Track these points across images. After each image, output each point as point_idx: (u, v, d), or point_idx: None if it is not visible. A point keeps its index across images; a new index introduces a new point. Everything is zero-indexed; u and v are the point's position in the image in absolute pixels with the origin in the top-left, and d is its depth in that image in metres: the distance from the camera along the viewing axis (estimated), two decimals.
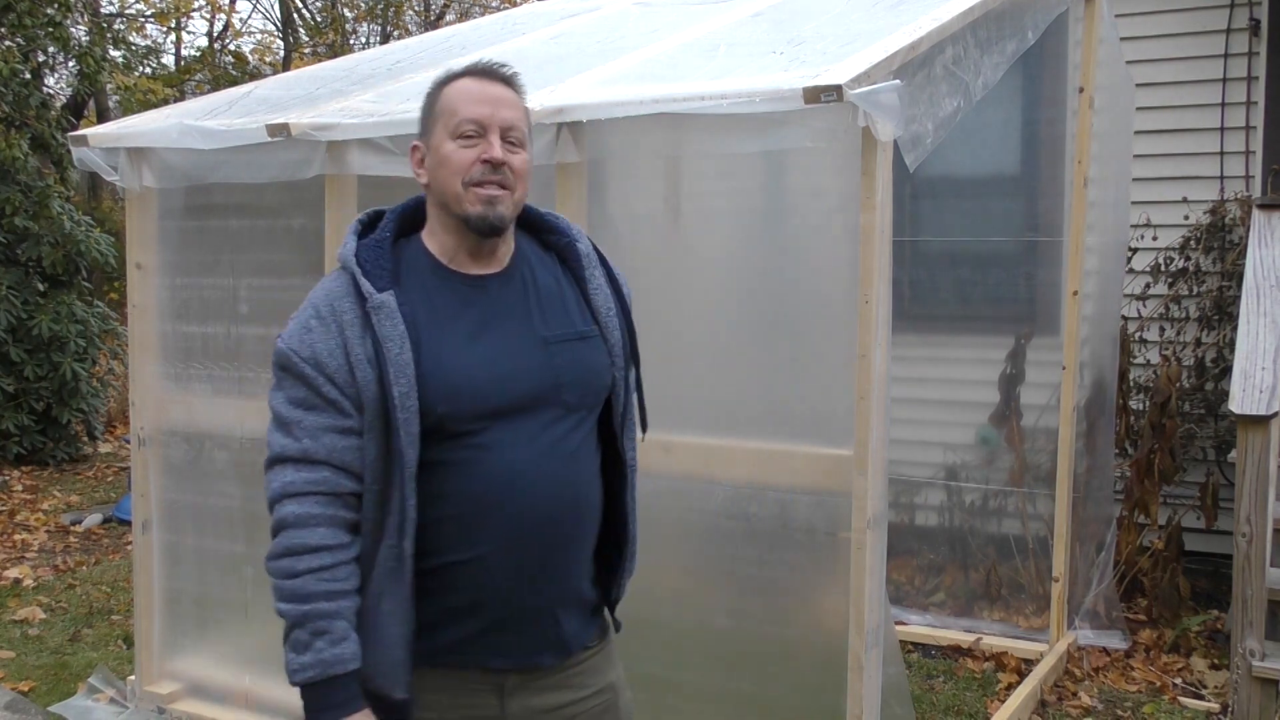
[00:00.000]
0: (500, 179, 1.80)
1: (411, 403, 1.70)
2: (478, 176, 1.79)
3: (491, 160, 1.79)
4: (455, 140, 1.80)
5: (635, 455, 1.96)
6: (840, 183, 2.91)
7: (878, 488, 2.76)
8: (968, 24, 3.21)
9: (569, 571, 1.84)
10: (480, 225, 1.80)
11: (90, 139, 3.90)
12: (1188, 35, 5.48)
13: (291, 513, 1.73)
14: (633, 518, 1.94)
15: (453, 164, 1.79)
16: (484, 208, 1.79)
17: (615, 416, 1.91)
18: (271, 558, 1.76)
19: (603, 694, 1.95)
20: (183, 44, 18.81)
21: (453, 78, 1.86)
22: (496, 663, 1.82)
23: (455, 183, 1.79)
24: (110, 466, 8.70)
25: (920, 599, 5.25)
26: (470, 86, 1.83)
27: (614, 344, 1.89)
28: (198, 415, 3.96)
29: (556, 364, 1.81)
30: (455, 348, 1.76)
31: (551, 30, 4.37)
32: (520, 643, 1.82)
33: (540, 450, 1.78)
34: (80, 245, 8.61)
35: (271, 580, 1.76)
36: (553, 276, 1.90)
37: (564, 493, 1.80)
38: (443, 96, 1.84)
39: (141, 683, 4.08)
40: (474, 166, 1.79)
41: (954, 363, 5.59)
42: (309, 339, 1.76)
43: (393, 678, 1.75)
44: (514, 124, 1.83)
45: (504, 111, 1.82)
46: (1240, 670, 3.89)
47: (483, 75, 1.85)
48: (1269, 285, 4.35)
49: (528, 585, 1.79)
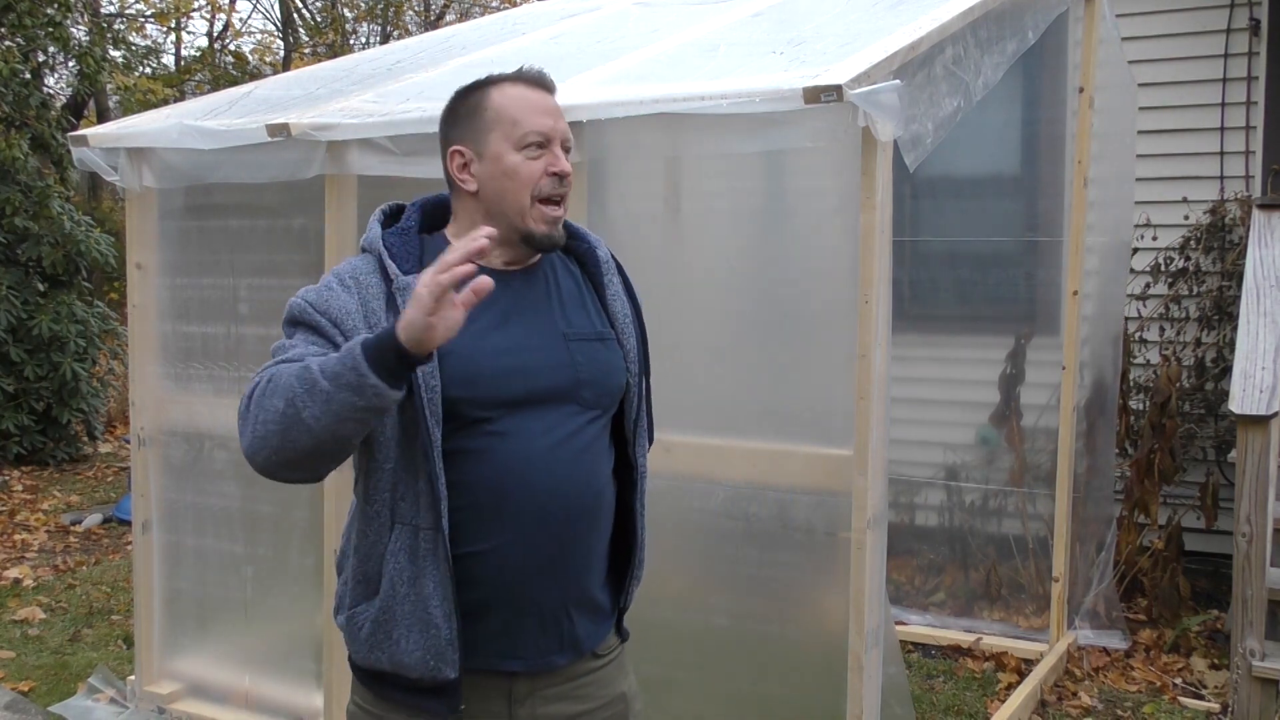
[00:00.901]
0: (565, 191, 1.84)
1: (435, 382, 1.70)
2: (547, 190, 1.80)
3: (560, 173, 1.81)
4: (521, 151, 1.80)
5: (646, 463, 1.96)
6: (840, 183, 2.91)
7: (878, 488, 2.76)
8: (968, 24, 3.21)
9: (583, 567, 1.84)
10: (545, 244, 1.83)
11: (90, 139, 3.90)
12: (1188, 35, 5.48)
13: (267, 379, 1.65)
14: (641, 526, 1.94)
15: (522, 176, 1.79)
16: (549, 227, 1.82)
17: (628, 421, 1.91)
18: (246, 420, 1.64)
19: (614, 705, 1.93)
20: (183, 44, 18.83)
21: (499, 81, 1.84)
22: (511, 665, 1.80)
23: (524, 196, 1.80)
24: (110, 466, 8.70)
25: (920, 599, 5.25)
26: (530, 96, 1.83)
27: (629, 350, 1.90)
28: (198, 415, 3.96)
29: (576, 360, 1.82)
30: (477, 335, 1.76)
31: (551, 30, 4.37)
32: (534, 643, 1.81)
33: (557, 442, 1.78)
34: (80, 245, 8.61)
35: (258, 425, 1.62)
36: (573, 280, 1.92)
37: (579, 486, 1.80)
38: (494, 103, 1.82)
39: (141, 683, 4.08)
40: (543, 179, 1.80)
41: (954, 363, 5.59)
42: (327, 296, 1.76)
43: (443, 657, 1.73)
44: (568, 135, 1.86)
45: (561, 123, 1.84)
46: (1240, 670, 3.89)
47: (537, 84, 1.85)
48: (1269, 285, 4.35)
49: (543, 579, 1.78)
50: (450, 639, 1.73)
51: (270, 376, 1.65)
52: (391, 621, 1.75)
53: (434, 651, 1.73)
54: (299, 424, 1.58)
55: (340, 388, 1.55)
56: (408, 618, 1.74)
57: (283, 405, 1.59)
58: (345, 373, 1.55)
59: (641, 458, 1.94)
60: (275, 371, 1.65)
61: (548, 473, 1.76)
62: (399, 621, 1.74)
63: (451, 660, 1.74)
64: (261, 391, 1.64)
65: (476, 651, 1.79)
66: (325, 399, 1.56)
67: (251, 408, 1.64)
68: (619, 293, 1.93)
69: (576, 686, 1.88)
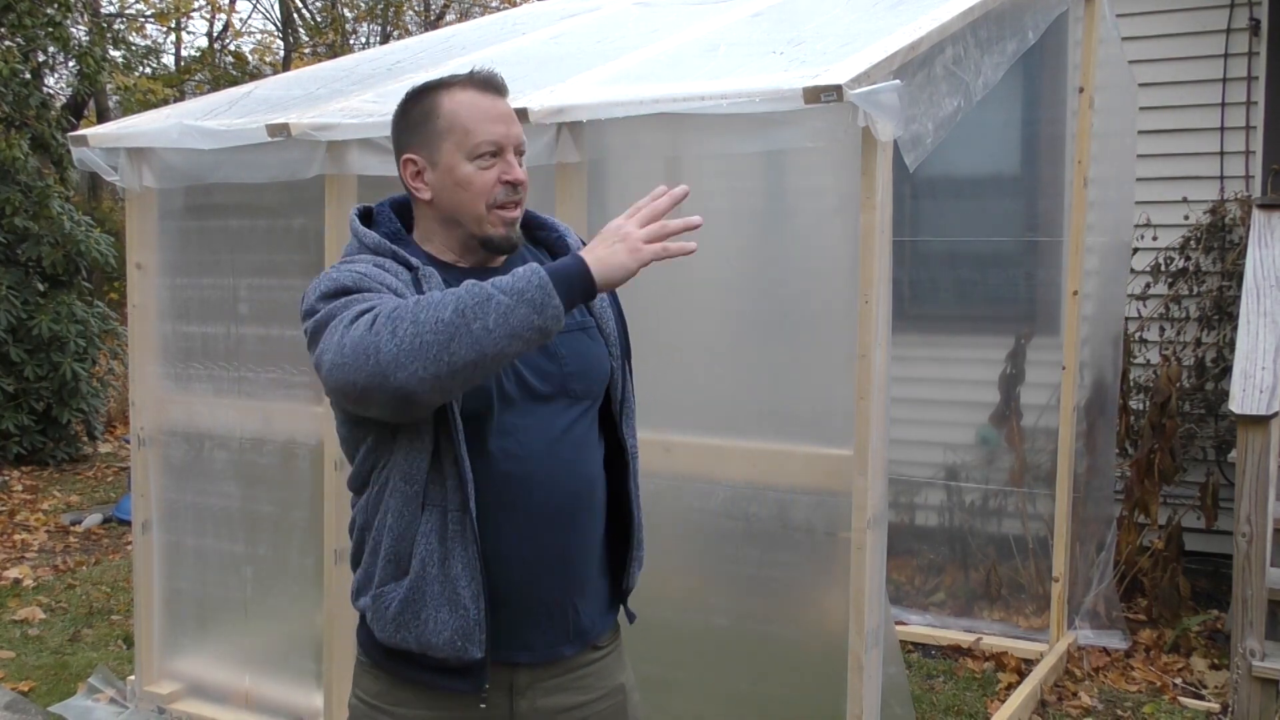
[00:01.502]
0: (521, 198, 1.84)
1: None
2: (501, 198, 1.81)
3: (514, 181, 1.81)
4: (473, 162, 1.79)
5: (635, 443, 1.97)
6: (840, 183, 2.91)
7: (878, 488, 2.76)
8: (968, 24, 3.21)
9: (585, 558, 1.86)
10: (504, 245, 1.84)
11: (90, 139, 3.90)
12: (1188, 35, 5.48)
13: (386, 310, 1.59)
14: (637, 506, 1.95)
15: (476, 186, 1.79)
16: (506, 229, 1.83)
17: (615, 405, 1.93)
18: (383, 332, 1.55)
19: (613, 696, 1.95)
20: (183, 44, 18.82)
21: (450, 85, 1.83)
22: (519, 656, 1.82)
23: (478, 205, 1.80)
24: (110, 466, 8.70)
25: (920, 599, 5.25)
26: (481, 102, 1.81)
27: (609, 334, 1.92)
28: (198, 415, 3.96)
29: (562, 354, 1.83)
30: None
31: (551, 30, 4.37)
32: (542, 635, 1.83)
33: (552, 438, 1.79)
34: (80, 245, 8.61)
35: (408, 337, 1.54)
36: None
37: (577, 480, 1.82)
38: (445, 110, 1.81)
39: (141, 683, 4.08)
40: (496, 188, 1.80)
41: (954, 363, 5.59)
42: (354, 268, 1.74)
43: (470, 638, 1.74)
44: (522, 139, 1.85)
45: (515, 128, 1.83)
46: (1240, 670, 3.89)
47: (486, 88, 1.83)
48: (1269, 285, 4.35)
49: (548, 573, 1.80)
50: (478, 619, 1.74)
51: (391, 308, 1.56)
52: (420, 601, 1.75)
53: (462, 632, 1.74)
54: (466, 334, 1.53)
55: (522, 302, 1.54)
56: (437, 598, 1.74)
57: (450, 315, 1.53)
58: (529, 289, 1.54)
59: (631, 439, 1.95)
60: (391, 305, 1.56)
61: (547, 469, 1.78)
62: (428, 602, 1.75)
63: (479, 640, 1.75)
64: (390, 316, 1.55)
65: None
66: (503, 312, 1.53)
67: (387, 324, 1.55)
68: None
69: (576, 678, 1.89)
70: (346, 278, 1.72)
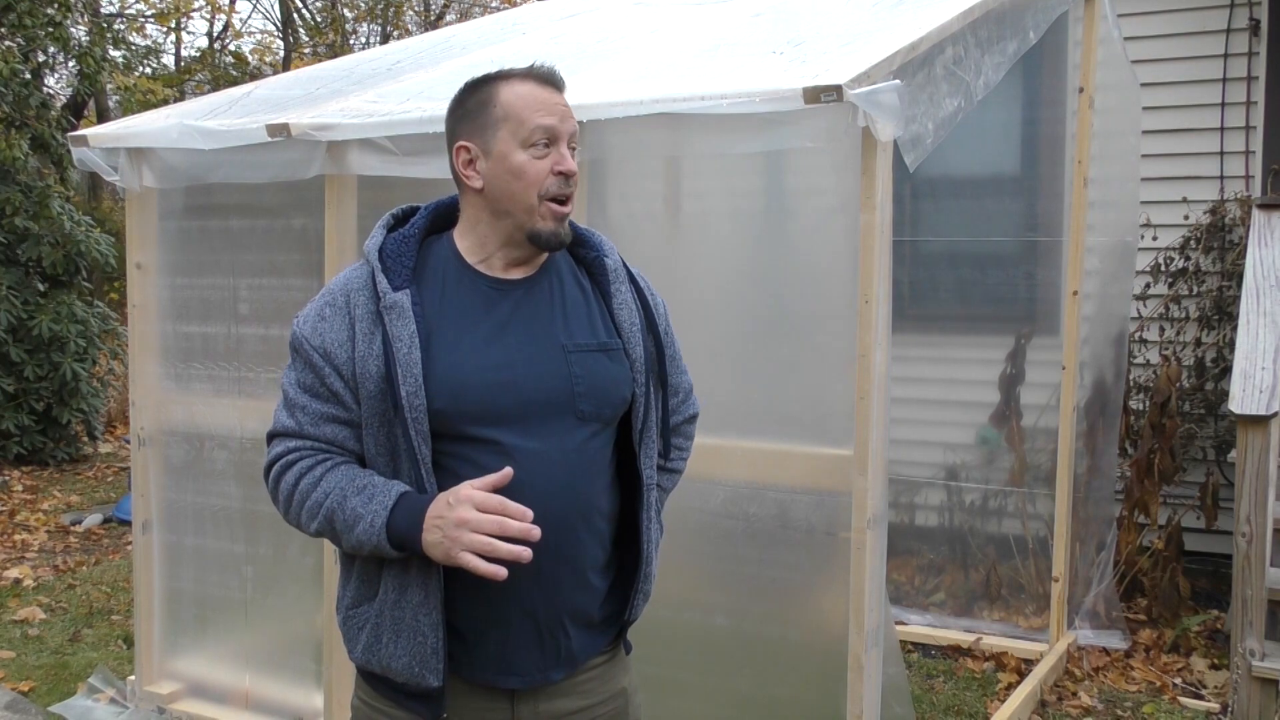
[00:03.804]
0: (571, 191, 1.82)
1: (419, 401, 1.70)
2: (553, 189, 1.79)
3: (566, 172, 1.80)
4: (527, 150, 1.78)
5: (654, 474, 1.93)
6: (840, 183, 2.91)
7: (878, 488, 2.76)
8: (968, 24, 3.20)
9: (576, 581, 1.81)
10: (551, 241, 1.82)
11: (90, 139, 3.90)
12: (1188, 35, 5.48)
13: (282, 466, 1.83)
14: (647, 538, 1.91)
15: (529, 175, 1.78)
16: (556, 224, 1.81)
17: (634, 432, 1.88)
18: (281, 505, 1.84)
19: (614, 700, 1.94)
20: (183, 44, 18.82)
21: (509, 77, 1.82)
22: (509, 682, 1.81)
23: (531, 195, 1.78)
24: (110, 466, 8.70)
25: (920, 599, 5.25)
26: (537, 93, 1.80)
27: (635, 359, 1.87)
28: (198, 415, 3.96)
29: (574, 372, 1.79)
30: (469, 348, 1.75)
31: (551, 30, 4.37)
32: (530, 659, 1.80)
33: (549, 456, 1.76)
34: (80, 245, 8.61)
35: (292, 517, 1.84)
36: (581, 291, 1.89)
37: (570, 498, 1.77)
38: (502, 99, 1.80)
39: (141, 683, 4.08)
40: (549, 178, 1.79)
41: (954, 363, 5.59)
42: (321, 328, 1.78)
43: (426, 665, 1.75)
44: (576, 132, 1.85)
45: (570, 121, 1.83)
46: (1240, 670, 3.89)
47: (544, 80, 1.83)
48: (1269, 285, 4.36)
49: (534, 591, 1.76)
50: (435, 649, 1.74)
51: (298, 480, 1.80)
52: (382, 626, 1.77)
53: (419, 659, 1.75)
54: (334, 539, 1.80)
55: (366, 545, 1.74)
56: (396, 624, 1.76)
57: (317, 527, 1.79)
58: (371, 542, 1.73)
59: (648, 469, 1.91)
60: (303, 480, 1.79)
61: (537, 485, 1.73)
62: (387, 627, 1.76)
63: (435, 669, 1.75)
64: (290, 495, 1.81)
65: (475, 670, 1.80)
66: (355, 545, 1.75)
67: (286, 502, 1.83)
68: (626, 301, 1.89)
69: (577, 684, 1.88)
70: (295, 337, 1.82)
